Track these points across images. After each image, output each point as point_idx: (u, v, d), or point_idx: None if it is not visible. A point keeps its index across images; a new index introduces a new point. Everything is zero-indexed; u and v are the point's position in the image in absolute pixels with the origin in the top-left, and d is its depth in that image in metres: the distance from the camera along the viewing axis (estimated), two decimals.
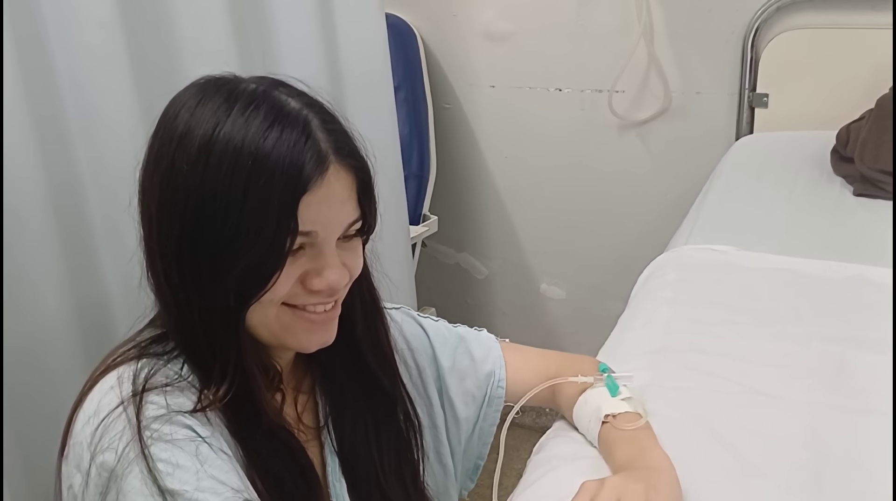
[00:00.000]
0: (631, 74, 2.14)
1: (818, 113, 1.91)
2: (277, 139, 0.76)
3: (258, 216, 0.76)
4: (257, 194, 0.75)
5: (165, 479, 0.73)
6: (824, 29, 1.90)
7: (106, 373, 0.81)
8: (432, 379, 1.03)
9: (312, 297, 0.82)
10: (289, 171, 0.76)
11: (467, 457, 1.08)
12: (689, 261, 1.42)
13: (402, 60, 2.22)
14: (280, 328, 0.83)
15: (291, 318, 0.82)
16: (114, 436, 0.75)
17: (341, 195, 0.79)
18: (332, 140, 0.79)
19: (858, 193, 1.63)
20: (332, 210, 0.79)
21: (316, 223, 0.78)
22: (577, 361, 1.04)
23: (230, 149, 0.76)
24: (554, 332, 2.55)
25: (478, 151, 2.43)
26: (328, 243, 0.80)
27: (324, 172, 0.77)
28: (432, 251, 2.61)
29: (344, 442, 0.95)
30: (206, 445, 0.76)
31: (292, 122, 0.78)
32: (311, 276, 0.80)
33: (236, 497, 0.74)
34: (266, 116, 0.77)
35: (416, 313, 1.08)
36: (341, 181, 0.79)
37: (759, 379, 1.03)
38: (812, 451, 0.89)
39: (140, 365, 0.81)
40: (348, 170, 0.80)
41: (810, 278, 1.29)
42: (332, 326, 0.86)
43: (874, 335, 1.11)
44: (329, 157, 0.78)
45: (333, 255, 0.81)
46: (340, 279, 0.81)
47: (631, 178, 2.26)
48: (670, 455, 0.87)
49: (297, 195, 0.76)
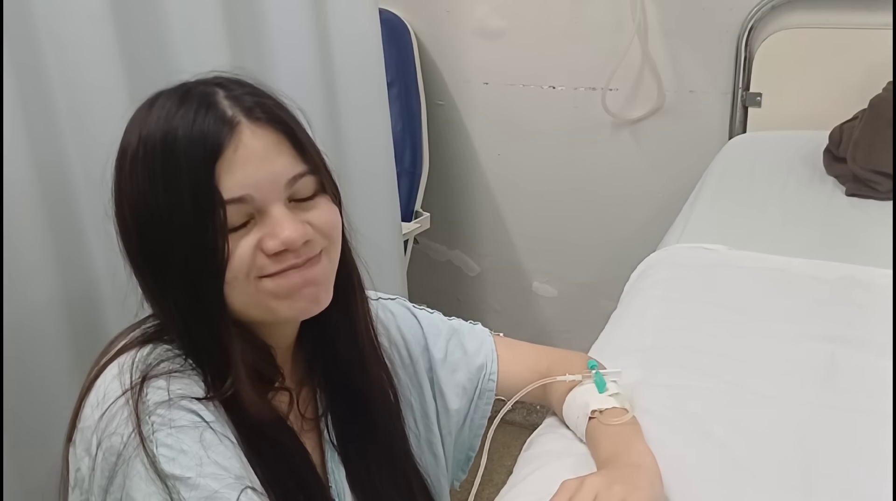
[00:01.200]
0: (625, 72, 2.13)
1: (811, 113, 1.91)
2: (181, 118, 0.78)
3: (178, 197, 0.77)
4: (170, 175, 0.77)
5: (169, 464, 0.74)
6: (818, 28, 1.90)
7: (112, 360, 0.82)
8: (424, 370, 1.04)
9: (278, 261, 0.80)
10: (194, 142, 0.77)
11: (458, 449, 1.08)
12: (681, 259, 1.42)
13: (395, 56, 2.21)
14: (266, 301, 0.82)
15: (273, 287, 0.81)
16: (120, 422, 0.76)
17: (263, 152, 0.79)
18: (241, 104, 0.79)
19: (851, 193, 1.63)
20: (258, 169, 0.78)
21: (244, 187, 0.77)
22: (568, 357, 1.04)
23: (148, 146, 0.78)
24: (545, 330, 2.55)
25: (471, 148, 2.43)
26: (271, 204, 0.79)
27: (232, 133, 0.77)
28: (424, 248, 2.61)
29: (341, 433, 0.95)
30: (210, 430, 0.77)
31: (195, 100, 0.79)
32: (265, 239, 0.79)
33: (238, 484, 0.75)
34: (174, 104, 0.79)
35: (411, 304, 1.08)
36: (260, 139, 0.79)
37: (750, 378, 1.03)
38: (802, 449, 0.89)
39: (146, 352, 0.82)
40: (265, 126, 0.79)
41: (802, 278, 1.29)
42: (317, 284, 0.84)
43: (865, 335, 1.11)
44: (237, 118, 0.78)
45: (282, 212, 0.79)
46: (296, 234, 0.79)
47: (624, 176, 2.26)
48: (660, 452, 0.87)
49: (206, 163, 0.76)
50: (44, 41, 1.16)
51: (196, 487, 0.73)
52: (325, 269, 0.85)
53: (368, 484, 0.94)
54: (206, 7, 1.35)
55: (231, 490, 0.74)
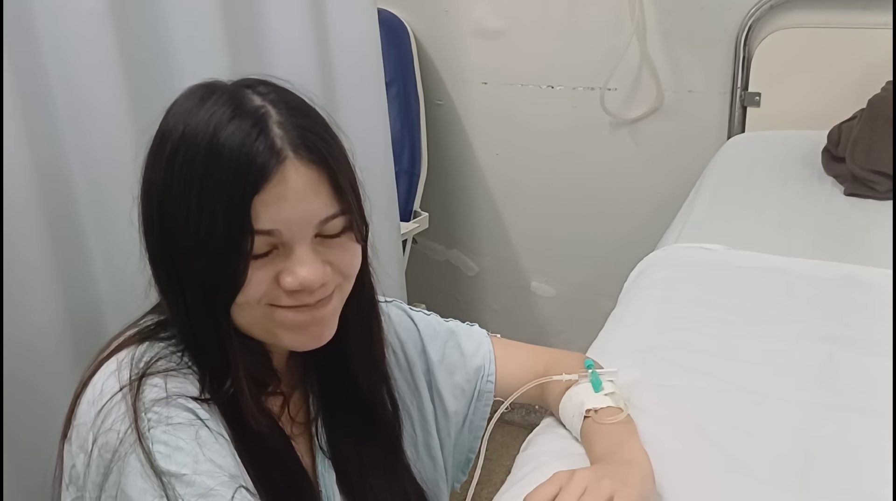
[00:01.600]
0: (623, 71, 2.14)
1: (810, 112, 1.91)
2: (231, 135, 0.76)
3: (210, 215, 0.75)
4: (209, 190, 0.75)
5: (165, 461, 0.73)
6: (817, 28, 1.90)
7: (109, 357, 0.82)
8: (422, 372, 1.04)
9: (292, 297, 0.80)
10: (239, 167, 0.75)
11: (458, 451, 1.08)
12: (680, 259, 1.42)
13: (394, 56, 2.21)
14: (270, 327, 0.82)
15: (279, 318, 0.81)
16: (116, 418, 0.76)
17: (303, 192, 0.77)
18: (290, 135, 0.77)
19: (849, 192, 1.63)
20: (294, 208, 0.77)
21: (276, 222, 0.76)
22: (565, 357, 1.04)
23: (191, 148, 0.77)
24: (544, 330, 2.55)
25: (469, 147, 2.43)
26: (298, 242, 0.78)
27: (278, 168, 0.75)
28: (423, 248, 2.61)
29: (333, 438, 0.95)
30: (206, 428, 0.77)
31: (248, 116, 0.77)
32: (284, 274, 0.79)
33: (232, 483, 0.75)
34: (226, 112, 0.77)
35: (408, 306, 1.08)
36: (302, 177, 0.77)
37: (747, 377, 1.04)
38: (799, 448, 0.89)
39: (143, 349, 0.82)
40: (309, 165, 0.77)
41: (800, 278, 1.29)
42: (323, 324, 0.84)
43: (863, 335, 1.11)
44: (285, 152, 0.76)
45: (307, 253, 0.79)
46: (315, 277, 0.79)
47: (622, 176, 2.26)
48: (656, 451, 0.87)
49: (246, 192, 0.75)
50: (43, 43, 1.15)
51: (191, 484, 0.73)
52: (335, 307, 0.85)
53: (360, 491, 0.94)
54: (205, 8, 1.34)
55: (226, 487, 0.74)
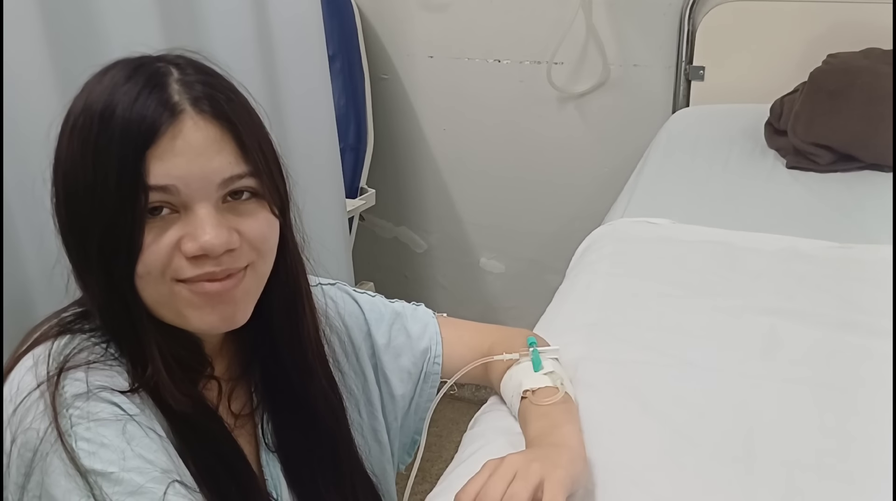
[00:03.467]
0: (569, 45, 2.13)
1: (753, 86, 1.92)
2: (125, 93, 0.74)
3: (104, 174, 0.73)
4: (102, 150, 0.73)
5: (89, 459, 0.70)
6: (760, 2, 1.91)
7: (27, 352, 0.78)
8: (367, 356, 1.02)
9: (196, 266, 0.76)
10: (131, 122, 0.73)
11: (404, 433, 1.07)
12: (626, 234, 1.42)
13: (337, 30, 2.17)
14: (178, 306, 0.78)
15: (187, 294, 0.77)
16: (36, 416, 0.72)
17: (202, 147, 0.74)
18: (190, 91, 0.75)
19: (791, 165, 1.65)
20: (192, 163, 0.74)
21: (171, 177, 0.73)
22: (511, 335, 1.03)
23: (87, 115, 0.75)
24: (493, 306, 2.55)
25: (416, 123, 2.41)
26: (198, 202, 0.75)
27: (173, 121, 0.73)
28: (370, 225, 2.59)
29: (278, 430, 0.92)
30: (133, 423, 0.74)
31: (146, 75, 0.75)
32: (185, 240, 0.75)
33: (164, 478, 0.72)
34: (124, 74, 0.76)
35: (352, 288, 1.06)
36: (201, 132, 0.74)
37: (692, 351, 1.04)
38: (743, 421, 0.90)
39: (62, 343, 0.78)
40: (211, 120, 0.75)
41: (744, 251, 1.30)
42: (234, 304, 0.79)
43: (805, 307, 1.13)
44: (182, 106, 0.74)
45: (209, 214, 0.75)
46: (217, 240, 0.75)
47: (569, 150, 2.26)
48: (602, 427, 0.87)
49: (137, 146, 0.72)
50: None
51: (119, 482, 0.70)
52: (248, 286, 0.80)
53: (308, 481, 0.92)
54: None
55: (157, 483, 0.71)
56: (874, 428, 0.88)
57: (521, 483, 0.73)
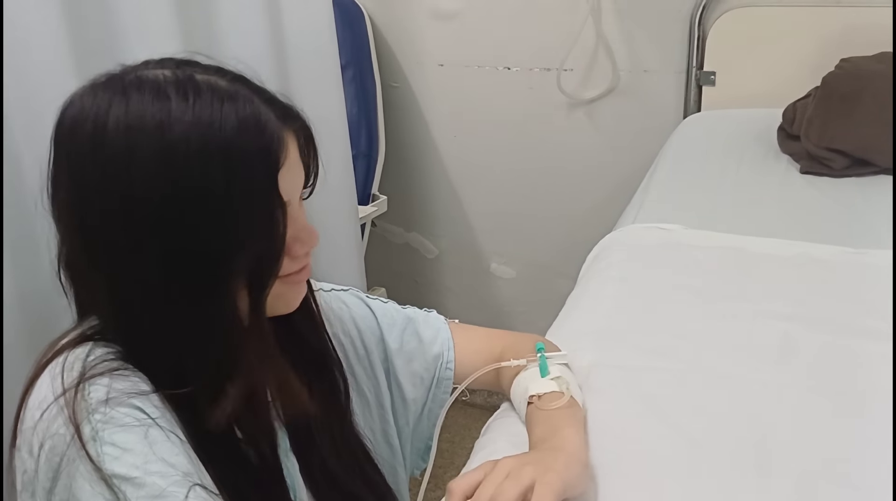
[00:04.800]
0: (579, 52, 2.13)
1: (765, 91, 1.92)
2: (235, 123, 0.74)
3: (249, 204, 0.75)
4: (240, 183, 0.74)
5: (114, 463, 0.71)
6: (771, 7, 1.91)
7: (51, 361, 0.79)
8: (379, 361, 1.02)
9: (297, 263, 0.82)
10: (258, 151, 0.75)
11: (417, 438, 1.07)
12: (637, 240, 1.42)
13: (349, 39, 2.18)
14: (278, 300, 0.83)
15: (281, 288, 0.82)
16: (61, 422, 0.73)
17: (296, 159, 0.80)
18: (274, 109, 0.78)
19: (805, 170, 1.64)
20: (296, 175, 0.80)
21: (289, 192, 0.78)
22: (521, 340, 1.03)
23: (193, 147, 0.72)
24: (504, 311, 2.55)
25: (427, 130, 2.41)
26: (298, 208, 0.82)
27: (284, 141, 0.77)
28: (381, 231, 2.59)
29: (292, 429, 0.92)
30: (156, 427, 0.75)
31: (237, 101, 0.75)
32: (294, 244, 0.81)
33: (185, 481, 0.73)
34: (208, 102, 0.74)
35: (364, 294, 1.06)
36: (293, 145, 0.79)
37: (704, 357, 1.04)
38: (756, 428, 0.89)
39: (85, 351, 0.79)
40: (295, 133, 0.80)
41: (756, 256, 1.30)
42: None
43: (819, 313, 1.12)
44: (282, 126, 0.78)
45: (305, 217, 0.83)
46: (316, 234, 0.83)
47: (580, 156, 2.26)
48: (614, 433, 0.87)
49: (273, 171, 0.76)
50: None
51: (143, 485, 0.71)
52: None
53: (322, 481, 0.93)
54: None
55: (178, 487, 0.72)
56: (889, 436, 0.87)
57: (511, 483, 0.73)
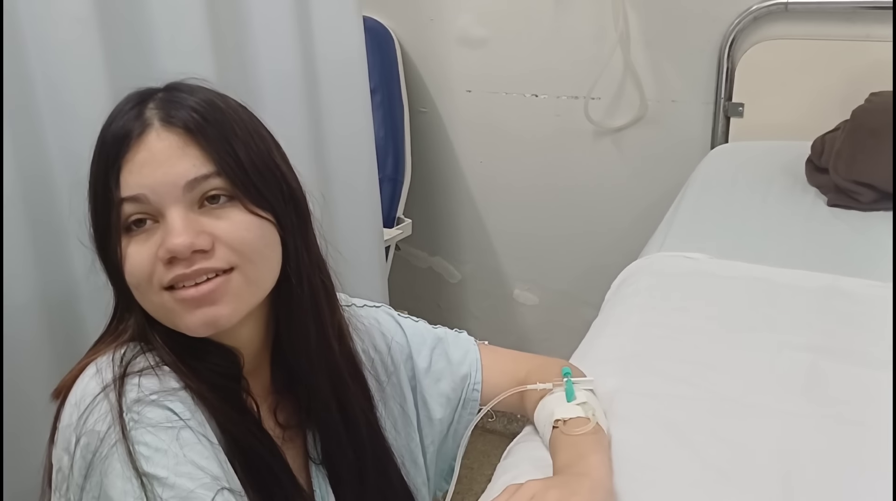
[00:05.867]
0: (607, 81, 2.14)
1: (793, 123, 1.91)
2: (113, 117, 0.81)
3: (92, 190, 0.81)
4: (91, 169, 0.81)
5: (145, 463, 0.73)
6: (801, 40, 1.91)
7: (91, 359, 0.82)
8: (407, 379, 1.03)
9: (169, 269, 0.78)
10: (106, 141, 0.80)
11: (441, 459, 1.07)
12: (663, 268, 1.41)
13: (378, 64, 2.21)
14: (168, 313, 0.80)
15: (172, 301, 0.79)
16: (97, 419, 0.75)
17: (166, 155, 0.78)
18: (164, 108, 0.80)
19: (832, 203, 1.63)
20: (157, 171, 0.78)
21: (141, 186, 0.78)
22: (547, 364, 1.03)
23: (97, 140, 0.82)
24: (526, 338, 2.55)
25: (453, 155, 2.43)
26: (167, 207, 0.78)
27: (141, 135, 0.78)
28: (405, 255, 2.60)
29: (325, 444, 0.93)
30: (187, 429, 0.76)
31: (133, 99, 0.82)
32: (160, 247, 0.78)
33: (214, 485, 0.74)
34: (124, 100, 0.83)
35: (396, 312, 1.07)
36: (164, 142, 0.78)
37: (729, 386, 1.03)
38: (781, 459, 0.88)
39: (122, 351, 0.82)
40: (174, 131, 0.79)
41: (783, 287, 1.29)
42: (214, 304, 0.79)
43: (846, 345, 1.11)
44: (150, 121, 0.79)
45: (177, 218, 0.77)
46: (182, 242, 0.76)
47: (605, 185, 2.26)
48: (637, 461, 0.86)
49: (109, 161, 0.79)
50: (28, 43, 1.15)
51: (171, 486, 0.72)
52: (234, 289, 0.80)
53: (352, 495, 0.93)
54: (190, 11, 1.34)
55: (206, 490, 0.73)
56: None
57: None
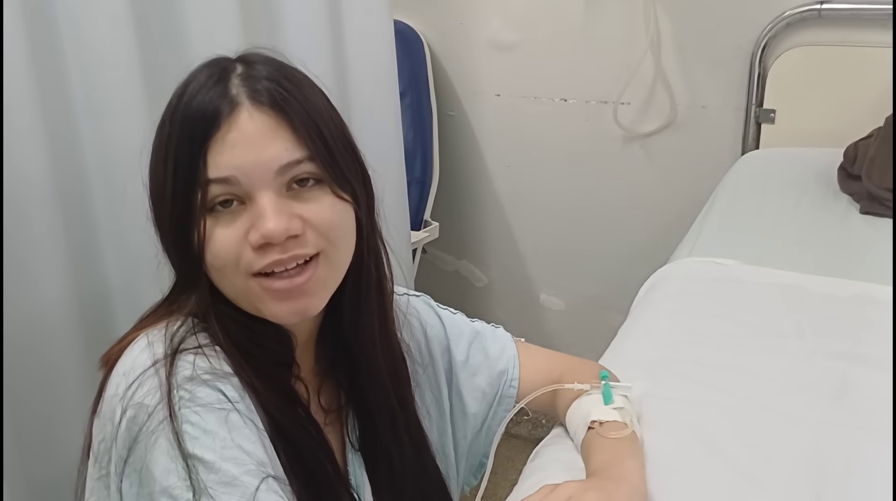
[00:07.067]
0: (637, 86, 2.13)
1: (825, 130, 1.90)
2: (191, 90, 0.78)
3: (173, 168, 0.77)
4: (170, 145, 0.77)
5: (192, 443, 0.72)
6: (833, 46, 1.89)
7: (140, 331, 0.81)
8: (443, 371, 1.02)
9: (263, 256, 0.77)
10: (190, 117, 0.76)
11: (472, 454, 1.06)
12: (692, 273, 1.41)
13: (408, 67, 2.21)
14: (252, 299, 0.80)
15: (259, 288, 0.78)
16: (147, 392, 0.74)
17: (258, 136, 0.76)
18: (248, 85, 0.77)
19: (865, 211, 1.62)
20: (248, 152, 0.75)
21: (231, 168, 0.75)
22: (582, 366, 1.03)
23: (167, 110, 0.80)
24: (552, 343, 2.51)
25: (481, 158, 2.43)
26: (259, 190, 0.76)
27: (231, 114, 0.76)
28: (432, 258, 2.60)
29: (363, 428, 0.93)
30: (236, 412, 0.75)
31: (211, 72, 0.79)
32: (251, 230, 0.76)
33: (259, 472, 0.73)
34: (196, 73, 0.80)
35: (436, 303, 1.07)
36: (256, 122, 0.76)
37: (759, 393, 1.02)
38: (812, 466, 0.88)
39: (176, 325, 0.81)
40: (266, 111, 0.77)
41: (814, 295, 1.28)
42: (305, 294, 0.79)
43: (877, 353, 1.10)
44: (239, 99, 0.77)
45: (270, 203, 0.76)
46: (278, 227, 0.75)
47: (634, 190, 2.26)
48: (667, 467, 0.86)
49: (196, 140, 0.76)
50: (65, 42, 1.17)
51: (216, 470, 0.71)
52: (322, 277, 0.80)
53: (386, 481, 0.92)
54: (225, 14, 1.36)
55: (252, 476, 0.72)
56: None
57: None
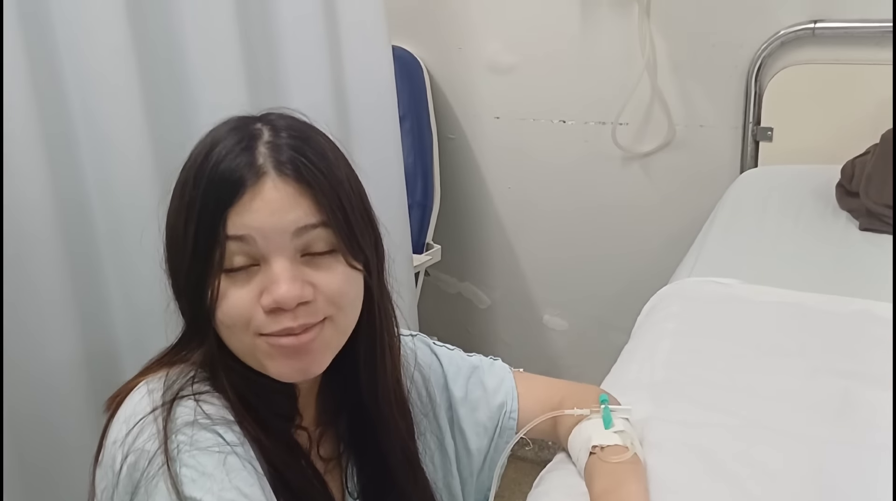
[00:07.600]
0: (634, 106, 2.15)
1: (823, 147, 1.91)
2: (218, 151, 0.79)
3: (192, 225, 0.78)
4: (191, 202, 0.78)
5: (190, 486, 0.73)
6: (829, 64, 1.91)
7: (141, 378, 0.82)
8: (444, 409, 1.02)
9: (273, 320, 0.78)
10: (218, 180, 0.77)
11: (478, 489, 1.06)
12: (693, 293, 1.41)
13: (407, 91, 2.23)
14: (258, 357, 0.81)
15: (266, 348, 0.80)
16: (146, 439, 0.75)
17: (279, 204, 0.77)
18: (275, 154, 0.78)
19: (864, 227, 1.62)
20: (269, 217, 0.77)
21: (247, 227, 0.77)
22: (581, 390, 1.03)
23: (189, 167, 0.81)
24: (556, 363, 2.54)
25: (482, 181, 2.44)
26: (274, 254, 0.78)
27: (256, 182, 0.77)
28: (435, 280, 2.61)
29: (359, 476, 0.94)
30: (234, 455, 0.76)
31: (239, 136, 0.80)
32: (263, 294, 0.78)
33: None
34: (222, 133, 0.81)
35: (431, 341, 1.07)
36: (280, 191, 0.78)
37: (763, 413, 1.02)
38: (815, 485, 0.88)
39: (176, 372, 0.82)
40: (289, 182, 0.78)
41: (815, 313, 1.28)
42: (309, 355, 0.81)
43: (879, 370, 1.10)
44: (265, 169, 0.78)
45: (284, 267, 0.77)
46: (290, 294, 0.77)
47: (634, 210, 2.26)
48: (670, 489, 0.86)
49: (220, 202, 0.77)
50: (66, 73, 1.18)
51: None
52: (326, 339, 0.82)
53: None
54: (224, 42, 1.37)
55: None
56: None
57: None
